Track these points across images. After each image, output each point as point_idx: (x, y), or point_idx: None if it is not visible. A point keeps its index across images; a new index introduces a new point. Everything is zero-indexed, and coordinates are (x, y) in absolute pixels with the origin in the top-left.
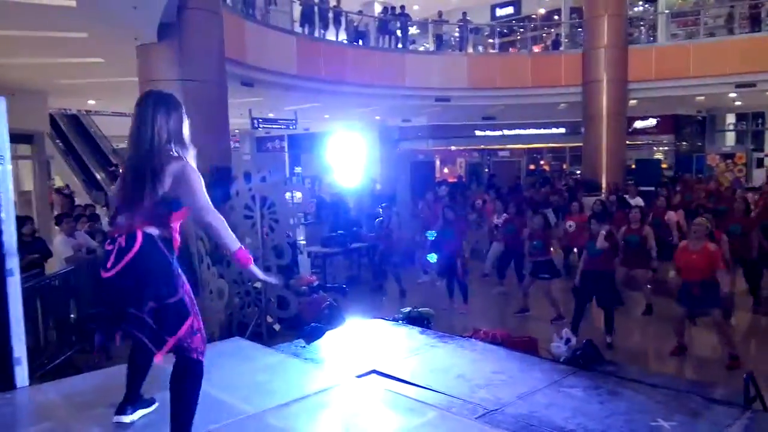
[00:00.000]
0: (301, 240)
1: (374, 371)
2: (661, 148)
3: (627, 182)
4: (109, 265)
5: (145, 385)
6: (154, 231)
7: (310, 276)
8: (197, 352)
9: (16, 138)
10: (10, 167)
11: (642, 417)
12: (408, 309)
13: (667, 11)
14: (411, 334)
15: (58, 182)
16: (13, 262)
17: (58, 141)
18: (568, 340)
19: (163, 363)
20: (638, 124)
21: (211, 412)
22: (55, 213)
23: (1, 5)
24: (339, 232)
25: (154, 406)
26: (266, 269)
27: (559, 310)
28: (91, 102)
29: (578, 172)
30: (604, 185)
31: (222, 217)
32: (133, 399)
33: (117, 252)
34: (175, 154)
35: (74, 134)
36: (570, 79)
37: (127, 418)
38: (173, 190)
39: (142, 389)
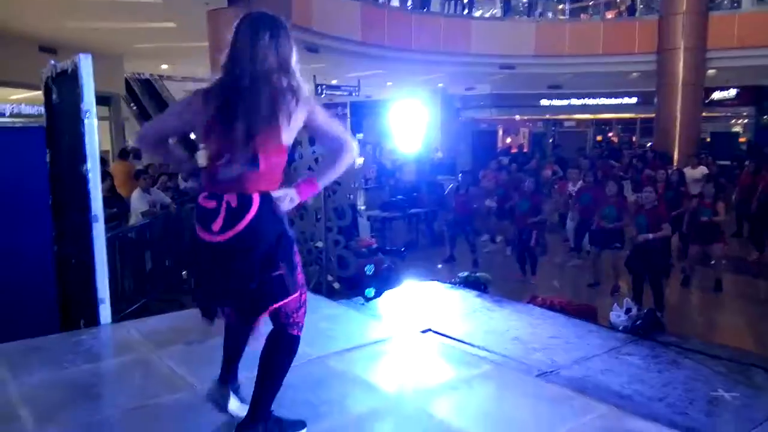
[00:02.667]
0: (361, 207)
1: (430, 330)
2: (739, 121)
3: (699, 155)
4: (216, 227)
5: None
6: (270, 190)
7: (369, 239)
8: (298, 327)
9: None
10: (96, 121)
11: (702, 387)
12: (465, 273)
13: None
14: (467, 297)
15: (132, 144)
16: (97, 209)
17: (132, 105)
18: (628, 310)
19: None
20: (716, 95)
21: None
22: None
23: None
24: (399, 197)
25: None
26: (328, 230)
27: (617, 282)
28: (164, 66)
29: (648, 144)
30: (675, 158)
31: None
32: (230, 378)
33: (227, 214)
34: (288, 85)
35: (147, 98)
36: (644, 46)
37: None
38: (296, 132)
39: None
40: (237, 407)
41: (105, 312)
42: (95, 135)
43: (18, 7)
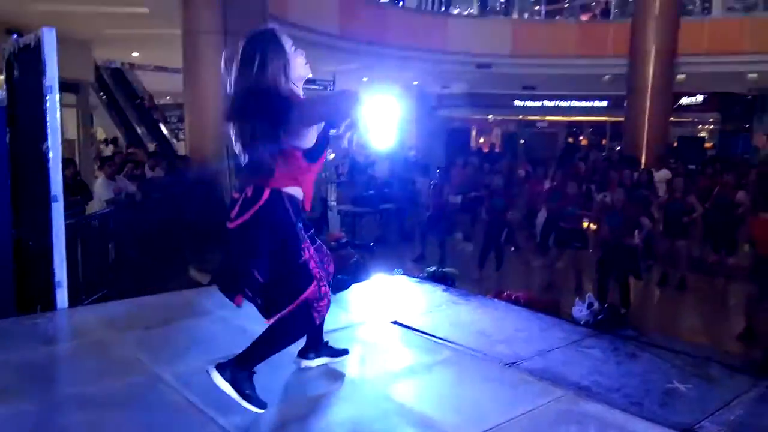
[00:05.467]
0: (332, 201)
1: (395, 322)
2: (705, 127)
3: (666, 160)
4: (233, 214)
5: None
6: (283, 186)
7: (338, 232)
8: (320, 315)
9: (61, 86)
10: (57, 98)
11: (658, 378)
12: (433, 268)
13: None
14: (434, 291)
15: (101, 134)
16: (57, 189)
17: (101, 93)
18: (590, 305)
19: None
20: (684, 101)
21: (236, 338)
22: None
23: None
24: (370, 192)
25: (343, 357)
26: None
27: (580, 281)
28: (135, 54)
29: (618, 148)
30: (643, 161)
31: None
32: (314, 344)
33: (242, 203)
34: (292, 93)
35: (117, 87)
36: (617, 49)
37: (306, 363)
38: (306, 137)
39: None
40: (304, 365)
41: (62, 296)
42: (57, 112)
43: None
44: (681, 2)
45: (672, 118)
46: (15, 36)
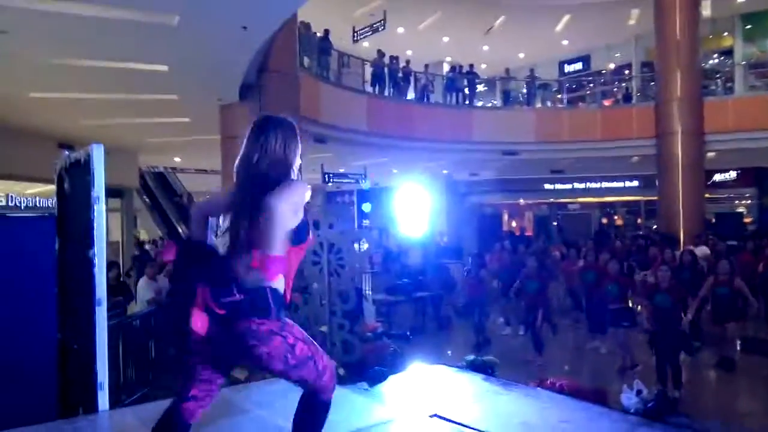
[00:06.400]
0: (367, 291)
1: (436, 415)
2: (743, 202)
3: (707, 236)
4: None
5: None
6: (265, 279)
7: (374, 323)
8: (327, 391)
9: (107, 193)
10: (104, 207)
11: None
12: (472, 357)
13: (743, 63)
14: (474, 380)
15: (143, 235)
16: (101, 292)
17: (144, 196)
18: (639, 392)
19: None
20: (717, 177)
21: None
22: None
23: (102, 71)
24: (404, 280)
25: None
26: (332, 313)
27: (631, 361)
28: (177, 159)
29: (654, 227)
30: (681, 239)
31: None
32: None
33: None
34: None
35: (160, 190)
36: (642, 131)
37: None
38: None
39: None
40: None
41: (103, 398)
42: (103, 220)
43: (37, 106)
44: (702, 84)
45: (707, 195)
46: (66, 152)
